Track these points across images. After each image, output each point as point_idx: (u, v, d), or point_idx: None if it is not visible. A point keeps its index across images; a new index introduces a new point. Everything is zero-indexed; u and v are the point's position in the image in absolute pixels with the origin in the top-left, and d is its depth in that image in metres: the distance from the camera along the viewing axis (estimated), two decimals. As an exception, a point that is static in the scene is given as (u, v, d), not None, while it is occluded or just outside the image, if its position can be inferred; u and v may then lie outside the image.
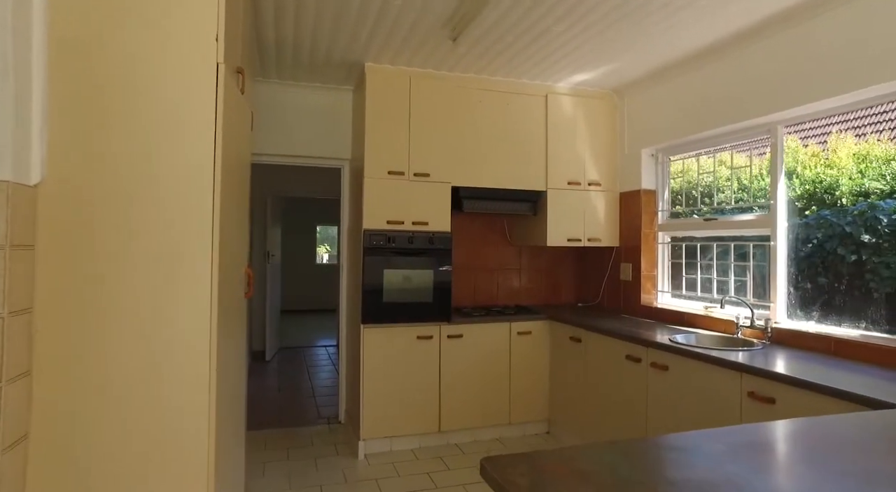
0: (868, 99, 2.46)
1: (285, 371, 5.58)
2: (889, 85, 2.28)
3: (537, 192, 3.76)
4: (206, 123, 1.68)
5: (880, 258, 2.48)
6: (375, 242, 3.30)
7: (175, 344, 1.63)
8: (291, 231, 11.20)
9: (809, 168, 2.94)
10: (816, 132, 3.10)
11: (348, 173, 3.97)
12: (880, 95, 2.39)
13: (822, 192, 2.86)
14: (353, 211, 3.83)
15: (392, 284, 3.33)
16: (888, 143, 2.71)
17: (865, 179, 2.69)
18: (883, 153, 2.70)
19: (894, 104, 2.72)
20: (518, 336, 3.62)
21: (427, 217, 3.43)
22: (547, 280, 4.33)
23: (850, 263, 2.59)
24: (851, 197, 2.72)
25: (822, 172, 2.91)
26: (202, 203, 1.67)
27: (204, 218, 1.67)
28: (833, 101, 2.52)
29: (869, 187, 2.64)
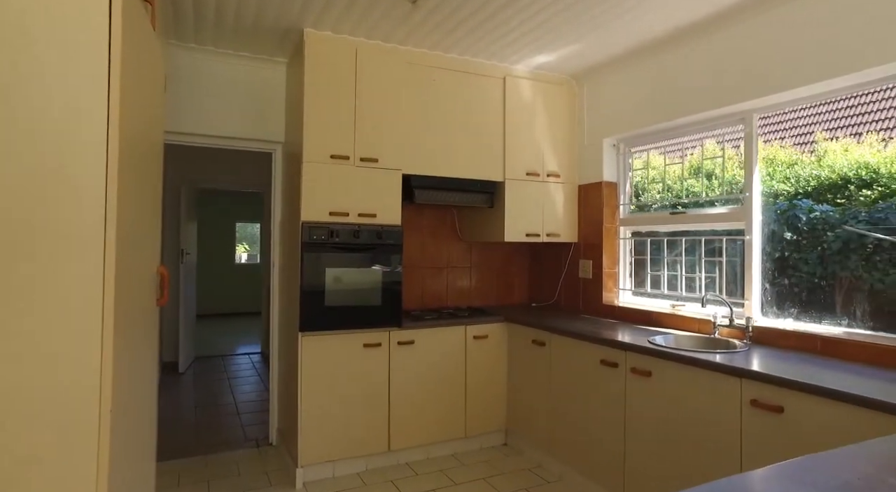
0: (846, 87, 2.36)
1: (203, 385, 4.91)
2: (868, 73, 2.18)
3: (494, 183, 3.46)
4: (95, 63, 1.19)
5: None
6: (316, 237, 2.85)
7: (44, 358, 1.14)
8: (208, 228, 10.27)
9: (727, 170, 3.00)
10: (732, 136, 3.13)
11: (281, 159, 3.47)
12: (860, 83, 2.30)
13: (738, 192, 2.92)
14: (286, 202, 3.33)
15: (335, 284, 2.89)
16: (790, 148, 2.85)
17: (773, 181, 2.84)
18: (786, 158, 2.83)
19: (795, 113, 2.74)
20: (474, 341, 3.30)
21: (375, 208, 3.02)
22: (499, 279, 4.05)
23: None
24: (763, 197, 2.80)
25: (736, 174, 2.98)
26: (90, 184, 1.19)
27: (93, 204, 1.19)
28: (810, 89, 2.41)
29: (778, 189, 2.77)
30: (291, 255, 3.11)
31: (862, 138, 3.30)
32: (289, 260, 3.20)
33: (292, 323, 3.02)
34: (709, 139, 3.06)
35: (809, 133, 3.00)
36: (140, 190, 1.54)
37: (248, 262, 11.67)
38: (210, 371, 5.44)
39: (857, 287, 2.44)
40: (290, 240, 3.14)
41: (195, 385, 4.87)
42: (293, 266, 3.04)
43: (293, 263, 3.04)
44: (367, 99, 3.02)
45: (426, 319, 3.22)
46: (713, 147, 3.05)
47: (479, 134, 3.39)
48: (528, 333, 3.19)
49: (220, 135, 3.28)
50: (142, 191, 1.56)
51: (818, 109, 2.91)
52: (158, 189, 1.86)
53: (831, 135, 3.80)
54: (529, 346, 3.17)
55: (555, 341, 2.96)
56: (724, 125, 2.87)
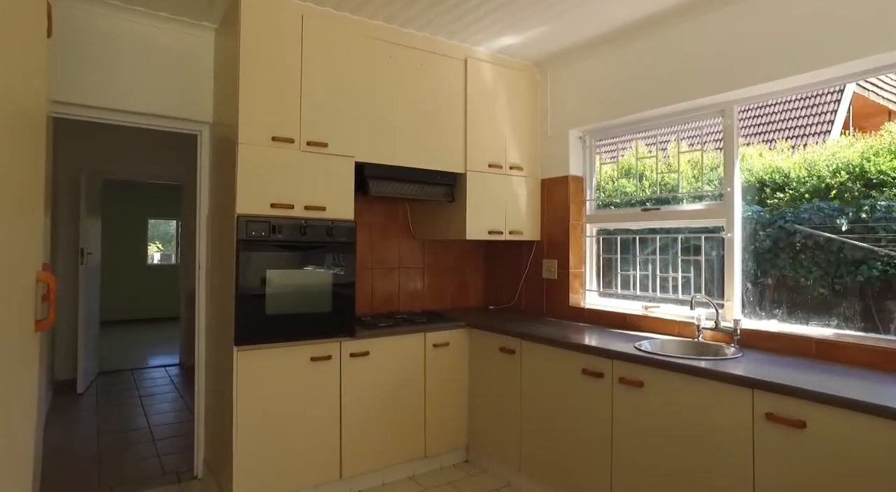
0: (832, 79, 2.27)
1: (108, 406, 4.22)
2: (860, 62, 2.08)
3: (455, 175, 3.15)
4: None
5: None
6: (255, 233, 2.40)
7: None
8: (115, 224, 9.22)
9: (654, 171, 3.06)
10: (660, 139, 3.14)
11: (209, 141, 2.96)
12: (847, 74, 2.21)
13: (667, 191, 3.03)
14: (216, 193, 2.84)
15: (278, 289, 2.46)
16: (713, 152, 2.88)
17: (699, 182, 2.95)
18: (710, 161, 2.87)
19: (717, 120, 2.73)
20: (434, 349, 2.97)
21: (324, 200, 2.61)
22: (454, 281, 3.74)
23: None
24: (690, 199, 2.86)
25: (666, 175, 3.07)
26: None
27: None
28: (795, 80, 2.30)
29: (704, 191, 2.85)
30: (222, 254, 2.63)
31: (773, 145, 3.47)
32: (219, 261, 2.72)
33: (224, 335, 2.55)
34: (683, 132, 2.92)
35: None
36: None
37: (161, 262, 10.63)
38: (117, 389, 4.72)
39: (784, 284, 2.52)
40: (221, 237, 2.67)
41: (98, 408, 4.18)
42: (225, 268, 2.57)
43: (225, 264, 2.57)
44: (314, 74, 2.60)
45: (381, 326, 2.85)
46: (687, 142, 2.91)
47: (440, 121, 3.07)
48: (493, 340, 2.90)
49: (132, 110, 2.73)
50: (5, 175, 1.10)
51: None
52: (40, 174, 1.37)
53: (747, 140, 3.97)
54: (495, 354, 2.89)
55: (526, 349, 2.70)
56: (701, 118, 2.73)
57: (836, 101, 4.07)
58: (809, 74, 2.23)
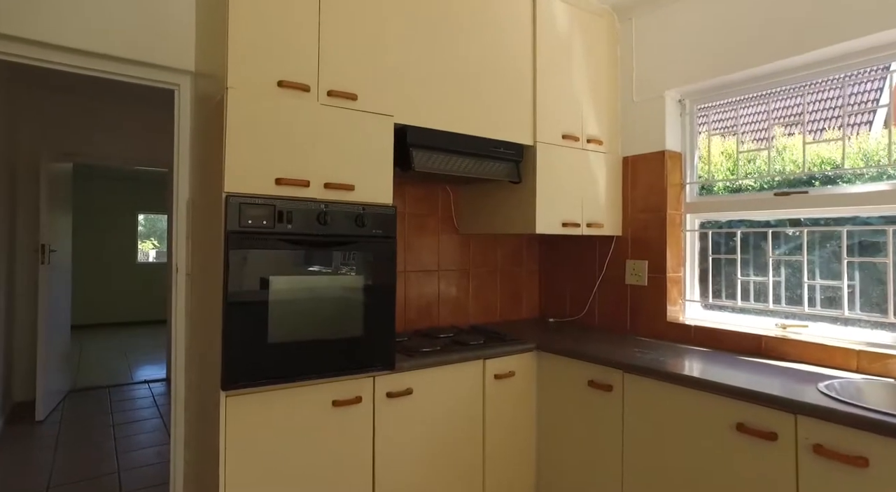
0: None
1: (71, 440, 3.44)
2: None
3: (521, 147, 2.37)
4: None
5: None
6: (252, 222, 1.62)
7: None
8: (99, 220, 8.44)
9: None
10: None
11: (191, 97, 2.18)
12: None
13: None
14: (199, 167, 2.06)
15: (286, 304, 1.68)
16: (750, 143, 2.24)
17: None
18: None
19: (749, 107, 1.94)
20: (496, 382, 2.20)
21: (352, 176, 1.83)
22: (503, 286, 2.97)
23: None
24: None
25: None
26: None
27: None
28: None
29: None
30: (207, 253, 1.86)
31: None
32: (203, 263, 1.95)
33: (208, 372, 1.78)
34: (825, 91, 2.14)
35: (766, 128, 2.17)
36: None
37: (157, 260, 9.82)
38: (88, 414, 3.94)
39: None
40: (206, 229, 1.89)
41: (59, 443, 3.39)
42: (209, 273, 1.79)
43: (209, 266, 1.80)
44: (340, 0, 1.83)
45: (424, 351, 2.07)
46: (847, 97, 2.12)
47: (503, 74, 2.29)
48: (577, 370, 2.13)
49: (77, 48, 1.95)
50: None
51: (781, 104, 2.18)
52: None
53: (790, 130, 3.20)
54: (580, 390, 2.11)
55: (633, 386, 1.93)
56: (851, 69, 1.95)
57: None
58: None
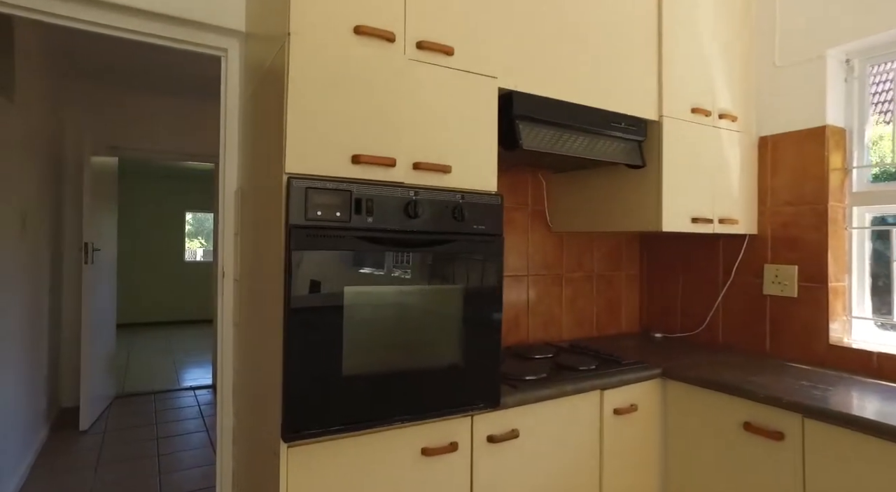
0: None
1: (113, 457, 3.17)
2: None
3: (643, 123, 1.89)
4: None
5: None
6: (322, 213, 1.21)
7: None
8: (149, 218, 8.40)
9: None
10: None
11: (240, 65, 1.81)
12: None
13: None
14: (251, 146, 1.67)
15: (366, 325, 1.26)
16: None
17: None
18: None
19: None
20: (615, 419, 1.73)
21: (449, 154, 1.40)
22: (600, 294, 2.49)
23: None
24: None
25: None
26: None
27: None
28: None
29: None
30: (260, 256, 1.46)
31: None
32: (254, 268, 1.56)
33: (263, 410, 1.38)
34: None
35: None
36: None
37: (205, 259, 9.74)
38: (132, 425, 3.68)
39: None
40: (257, 225, 1.50)
41: (101, 459, 3.12)
42: (263, 282, 1.39)
43: (263, 273, 1.40)
44: (428, -79, 1.40)
45: (528, 378, 1.62)
46: None
47: (624, 31, 1.82)
48: (726, 408, 1.64)
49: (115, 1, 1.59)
50: None
51: None
52: None
53: None
54: (733, 433, 1.62)
55: (821, 437, 1.42)
56: None
57: None
58: None
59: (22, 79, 2.69)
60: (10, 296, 2.55)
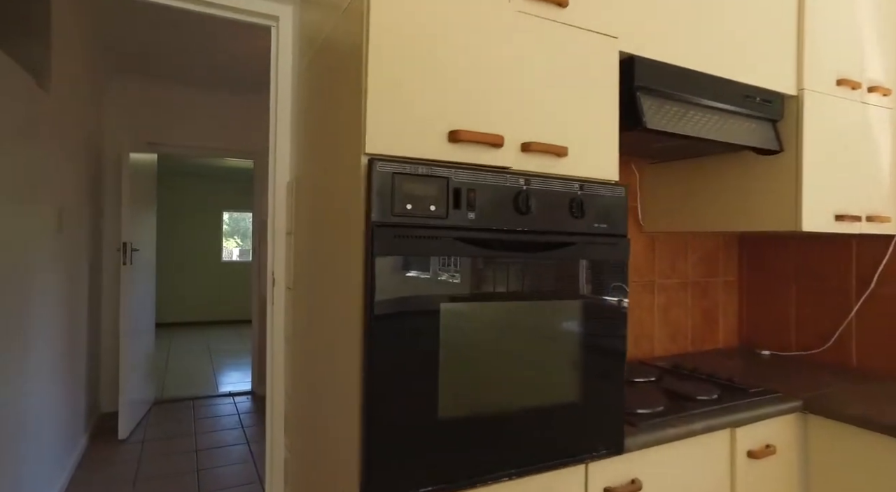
0: None
1: (151, 471, 2.98)
2: None
3: (779, 97, 1.55)
4: None
5: None
6: (412, 207, 0.92)
7: None
8: (184, 216, 8.36)
9: None
10: None
11: (293, 35, 1.54)
12: None
13: None
14: (310, 128, 1.40)
15: (466, 352, 0.97)
16: None
17: None
18: None
19: None
20: (749, 464, 1.40)
21: (565, 133, 1.10)
22: (694, 304, 2.15)
23: None
24: None
25: None
26: None
27: None
28: None
29: None
30: (322, 262, 1.19)
31: None
32: (313, 275, 1.28)
33: (331, 459, 1.11)
34: None
35: None
36: None
37: (239, 259, 9.69)
38: (171, 434, 3.50)
39: None
40: (321, 223, 1.22)
41: (139, 475, 2.93)
42: (327, 292, 1.12)
43: (326, 283, 1.12)
44: None
45: (640, 412, 1.31)
46: None
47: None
48: None
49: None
50: None
51: None
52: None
53: None
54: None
55: None
56: None
57: None
58: None
59: (59, 70, 2.52)
60: (46, 298, 2.37)
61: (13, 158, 1.91)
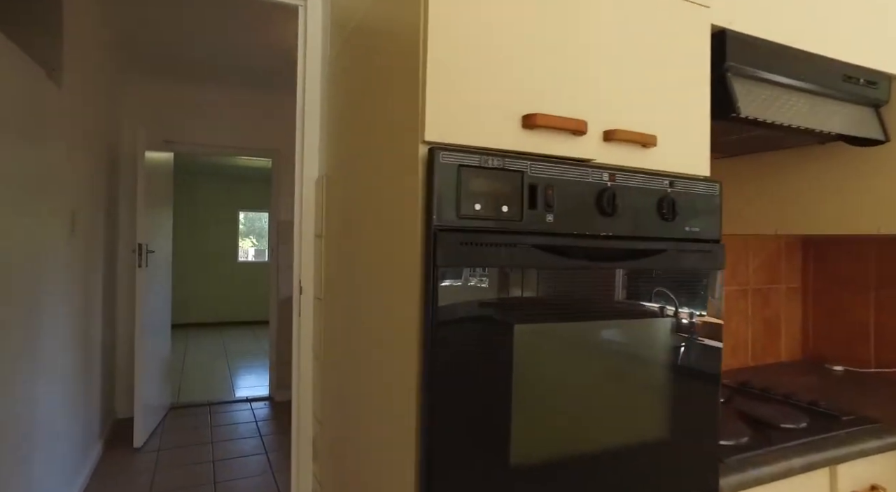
0: None
1: (167, 485, 2.85)
2: None
3: (889, 79, 1.35)
4: None
5: None
6: (481, 207, 0.75)
7: None
8: (200, 216, 8.28)
9: None
10: None
11: (323, 11, 1.38)
12: None
13: None
14: (345, 117, 1.24)
15: (541, 386, 0.80)
16: None
17: None
18: None
19: None
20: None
21: (652, 119, 0.92)
22: (755, 313, 1.95)
23: None
24: None
25: None
26: None
27: None
28: None
29: None
30: (368, 274, 1.02)
31: None
32: (354, 288, 1.12)
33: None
34: None
35: None
36: None
37: (255, 259, 9.61)
38: (187, 442, 3.38)
39: None
40: (361, 226, 1.06)
41: (154, 488, 2.80)
42: (380, 312, 0.95)
43: (376, 300, 0.96)
44: None
45: (725, 444, 1.12)
46: None
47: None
48: None
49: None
50: None
51: None
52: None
53: None
54: None
55: None
56: None
57: None
58: None
59: (72, 64, 2.40)
60: (58, 304, 2.25)
61: (19, 156, 1.78)
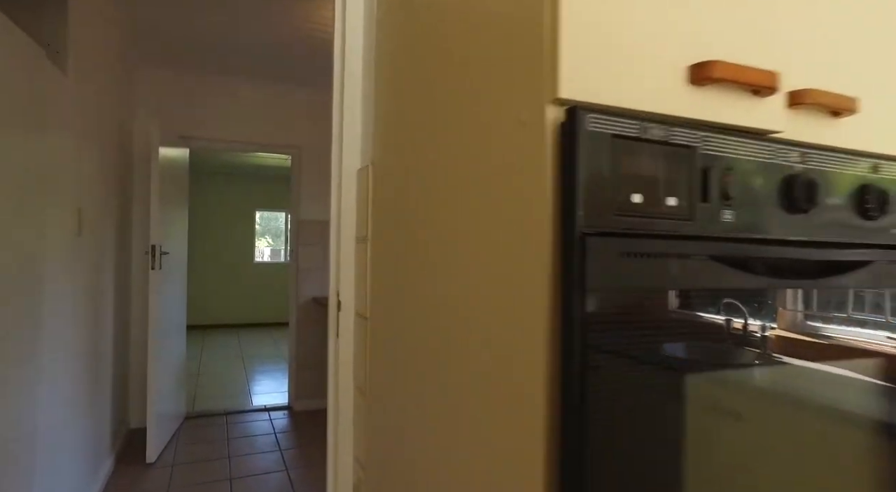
0: None
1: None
2: None
3: None
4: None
5: None
6: (640, 201, 0.51)
7: None
8: (216, 217, 8.13)
9: None
10: None
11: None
12: None
13: None
14: (381, 91, 0.99)
15: (717, 459, 0.55)
16: None
17: None
18: None
19: None
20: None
21: (848, 77, 0.66)
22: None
23: None
24: None
25: None
26: None
27: None
28: None
29: None
30: (454, 293, 0.77)
31: None
32: (419, 308, 0.87)
33: None
34: None
35: None
36: None
37: (271, 259, 9.44)
38: (202, 457, 3.17)
39: None
40: (434, 226, 0.81)
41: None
42: (480, 347, 0.70)
43: (476, 330, 0.71)
44: None
45: None
46: None
47: None
48: None
49: None
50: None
51: None
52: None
53: None
54: None
55: None
56: None
57: None
58: None
59: (81, 53, 2.19)
60: (63, 305, 2.04)
61: (15, 146, 1.57)
